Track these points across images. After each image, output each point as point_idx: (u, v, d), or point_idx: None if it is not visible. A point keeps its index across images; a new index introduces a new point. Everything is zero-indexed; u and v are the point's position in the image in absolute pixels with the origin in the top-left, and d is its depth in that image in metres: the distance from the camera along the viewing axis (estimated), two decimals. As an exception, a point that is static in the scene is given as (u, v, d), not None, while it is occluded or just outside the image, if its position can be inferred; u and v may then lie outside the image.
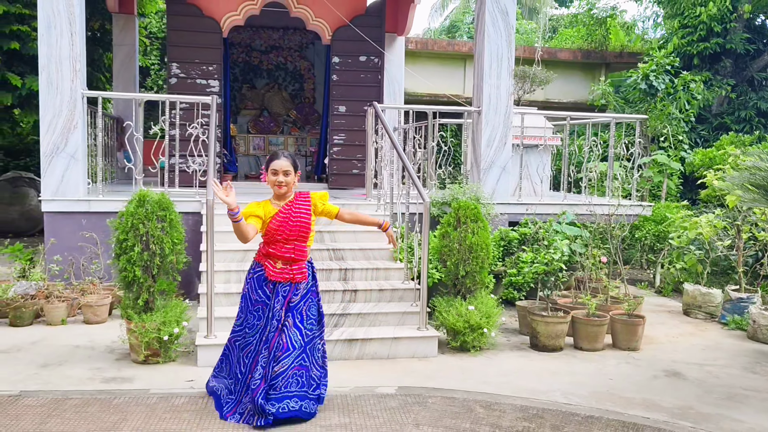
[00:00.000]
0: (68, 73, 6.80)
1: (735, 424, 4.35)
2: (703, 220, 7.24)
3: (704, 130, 13.12)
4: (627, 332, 5.96)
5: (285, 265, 4.17)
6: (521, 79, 9.40)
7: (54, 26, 6.75)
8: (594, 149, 8.91)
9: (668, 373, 5.38)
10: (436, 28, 25.92)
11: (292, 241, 4.15)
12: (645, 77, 11.67)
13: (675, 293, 8.31)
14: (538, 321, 5.84)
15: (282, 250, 4.15)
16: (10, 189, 11.54)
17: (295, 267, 4.18)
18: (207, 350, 5.14)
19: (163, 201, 5.24)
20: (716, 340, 6.44)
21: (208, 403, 4.37)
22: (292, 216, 4.15)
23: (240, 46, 12.44)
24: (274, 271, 4.15)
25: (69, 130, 6.83)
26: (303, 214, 4.18)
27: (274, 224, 4.11)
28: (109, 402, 4.36)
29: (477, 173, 7.91)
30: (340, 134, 9.83)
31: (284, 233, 4.12)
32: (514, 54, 7.97)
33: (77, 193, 6.93)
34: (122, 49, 11.06)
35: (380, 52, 9.79)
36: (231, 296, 5.78)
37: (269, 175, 4.14)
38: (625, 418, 4.36)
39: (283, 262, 4.16)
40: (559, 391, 4.84)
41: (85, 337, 5.82)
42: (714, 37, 13.04)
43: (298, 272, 4.18)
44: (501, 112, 7.85)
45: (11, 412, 4.16)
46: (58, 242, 6.82)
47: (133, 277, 5.10)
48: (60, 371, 4.95)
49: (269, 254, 4.18)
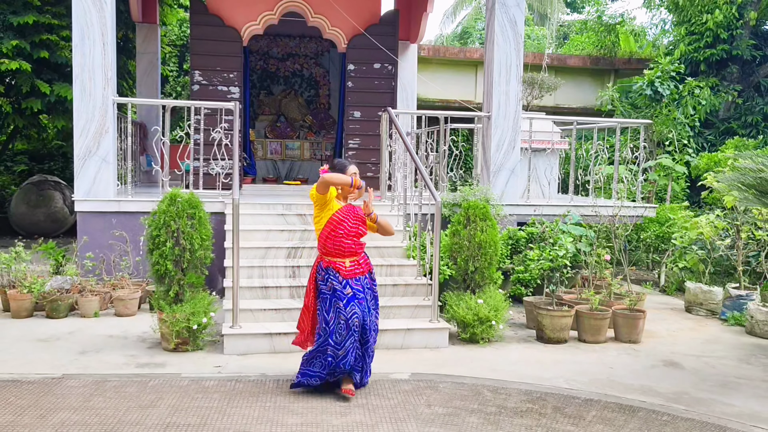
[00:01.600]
0: (100, 81, 7.21)
1: (726, 407, 4.66)
2: (702, 220, 7.54)
3: (711, 135, 13.38)
4: (628, 325, 6.27)
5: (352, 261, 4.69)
6: (530, 86, 9.74)
7: (87, 37, 7.17)
8: (600, 153, 9.23)
9: (666, 363, 5.69)
10: (448, 34, 26.22)
11: (352, 236, 4.68)
12: (650, 83, 11.97)
13: (678, 292, 8.60)
14: (544, 314, 6.17)
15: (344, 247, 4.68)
16: (36, 192, 12.00)
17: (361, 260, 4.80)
18: (233, 339, 5.51)
19: (192, 200, 5.63)
20: (715, 335, 6.73)
21: (237, 386, 4.74)
22: (352, 216, 4.72)
23: (258, 54, 12.88)
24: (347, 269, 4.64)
25: (101, 135, 7.24)
26: (360, 215, 4.81)
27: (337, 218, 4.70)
28: (145, 384, 4.74)
29: (487, 176, 8.24)
30: (354, 139, 10.20)
31: (345, 229, 4.68)
32: (523, 61, 8.31)
33: (108, 194, 7.33)
34: (145, 57, 11.51)
35: (394, 60, 10.17)
36: (254, 290, 6.15)
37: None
38: (623, 401, 4.68)
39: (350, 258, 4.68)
40: (562, 378, 5.17)
41: (118, 328, 6.21)
42: (720, 44, 13.30)
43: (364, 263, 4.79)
44: (510, 117, 8.19)
45: (57, 392, 4.55)
46: (90, 240, 7.23)
47: (164, 271, 5.49)
48: (97, 357, 5.34)
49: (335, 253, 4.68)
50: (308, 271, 6.52)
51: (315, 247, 6.80)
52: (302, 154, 13.03)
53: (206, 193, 7.67)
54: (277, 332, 5.58)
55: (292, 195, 9.10)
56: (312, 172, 12.93)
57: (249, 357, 5.43)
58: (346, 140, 10.29)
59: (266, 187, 10.78)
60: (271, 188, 10.65)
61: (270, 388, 4.72)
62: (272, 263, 6.56)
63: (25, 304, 6.52)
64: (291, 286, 6.24)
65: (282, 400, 4.50)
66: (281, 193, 9.52)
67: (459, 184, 8.64)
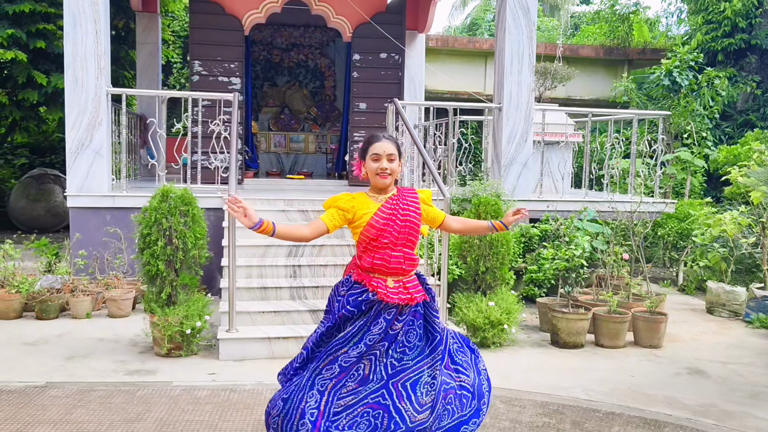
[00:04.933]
0: (93, 71, 6.89)
1: (759, 422, 4.30)
2: (727, 217, 7.16)
3: (729, 127, 12.95)
4: (649, 329, 5.91)
5: (396, 281, 3.21)
6: (542, 76, 9.35)
7: (79, 24, 6.85)
8: (616, 146, 8.84)
9: (691, 370, 5.33)
10: (457, 26, 25.85)
11: (400, 246, 3.21)
12: (668, 73, 11.55)
13: (698, 291, 8.22)
14: (559, 318, 5.82)
15: (389, 260, 3.19)
16: (36, 186, 11.72)
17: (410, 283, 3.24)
18: (228, 344, 5.19)
19: (185, 196, 5.30)
20: (740, 339, 6.36)
21: (231, 396, 4.42)
22: (399, 213, 3.23)
23: (261, 44, 12.53)
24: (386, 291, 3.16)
25: (94, 127, 6.92)
26: (412, 212, 3.26)
27: (378, 223, 3.18)
28: (133, 393, 4.43)
29: (498, 170, 7.89)
30: (360, 131, 9.85)
31: (392, 235, 3.18)
32: (536, 50, 7.94)
33: (102, 189, 7.02)
34: (146, 47, 11.19)
35: (401, 49, 9.80)
36: (252, 291, 5.83)
37: (368, 162, 3.24)
38: (647, 415, 4.33)
39: (394, 277, 3.21)
40: (580, 388, 4.82)
41: (110, 331, 5.91)
42: (739, 33, 12.87)
43: (414, 289, 3.24)
44: (522, 108, 7.82)
45: (38, 402, 4.24)
46: (83, 237, 6.92)
47: (156, 271, 5.17)
48: (85, 363, 5.03)
49: (374, 267, 3.21)
50: (309, 270, 6.21)
51: (317, 245, 6.47)
52: (307, 147, 12.69)
53: (205, 188, 7.36)
54: (276, 336, 5.26)
55: (295, 190, 8.78)
56: (317, 166, 12.58)
57: (246, 363, 5.11)
58: (351, 133, 9.95)
59: (269, 182, 10.45)
60: (274, 182, 10.32)
61: (266, 399, 4.38)
62: (272, 262, 6.23)
63: (14, 305, 6.22)
64: (291, 287, 5.91)
65: (279, 412, 4.17)
66: (284, 188, 9.19)
67: (468, 179, 8.28)
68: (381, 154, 3.20)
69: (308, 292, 5.92)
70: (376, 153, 3.21)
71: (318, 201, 7.24)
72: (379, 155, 3.21)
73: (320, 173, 12.38)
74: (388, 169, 3.21)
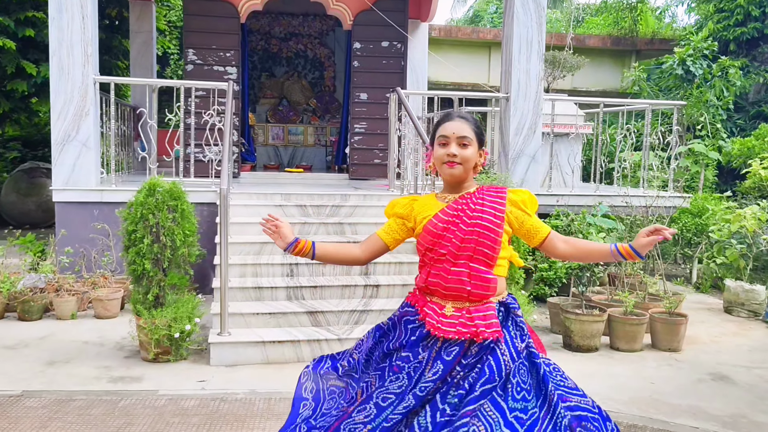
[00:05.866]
0: (80, 58, 6.54)
1: (794, 435, 3.97)
2: (748, 212, 6.79)
3: (741, 119, 12.57)
4: (668, 332, 5.56)
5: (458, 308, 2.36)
6: (550, 65, 8.98)
7: (65, 9, 6.49)
8: (627, 138, 8.48)
9: (714, 376, 4.98)
10: (459, 18, 25.52)
11: (465, 260, 2.37)
12: (681, 62, 11.16)
13: (713, 289, 7.87)
14: (572, 319, 5.47)
15: (447, 278, 2.38)
16: (27, 180, 11.39)
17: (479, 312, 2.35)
18: (220, 348, 4.84)
19: (174, 190, 4.94)
20: (763, 341, 6.01)
21: (221, 406, 4.08)
22: (468, 214, 2.39)
23: (259, 34, 12.15)
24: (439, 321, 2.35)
25: (81, 117, 6.57)
26: (489, 214, 2.39)
27: (436, 227, 2.40)
28: (115, 404, 4.09)
29: (505, 162, 7.53)
30: (361, 123, 9.50)
31: (452, 243, 2.37)
32: (545, 38, 7.57)
33: (89, 183, 6.68)
34: (139, 36, 10.82)
35: (403, 38, 9.43)
36: (247, 291, 5.49)
37: (435, 148, 2.46)
38: (671, 428, 3.99)
39: (454, 303, 2.37)
40: (598, 396, 4.42)
41: (95, 333, 5.56)
42: (752, 22, 12.47)
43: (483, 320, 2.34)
44: (530, 98, 7.46)
45: (11, 414, 3.90)
46: (69, 233, 6.57)
47: (142, 271, 4.81)
48: (66, 369, 4.69)
49: (429, 287, 2.43)
50: (307, 269, 5.85)
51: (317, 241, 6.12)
52: (306, 139, 12.33)
53: (198, 182, 7.01)
54: (271, 340, 4.91)
55: (293, 184, 8.44)
56: (316, 159, 12.21)
57: (238, 369, 4.77)
58: (352, 124, 9.59)
59: (266, 175, 10.10)
60: (272, 176, 9.96)
61: (259, 410, 4.05)
62: (268, 260, 5.87)
63: (-5, 305, 5.89)
64: (288, 287, 5.56)
65: (272, 425, 3.83)
66: (282, 182, 8.85)
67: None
68: (450, 136, 2.40)
69: (306, 293, 5.57)
70: (444, 135, 2.42)
71: (317, 195, 6.89)
72: (447, 138, 2.41)
73: (320, 166, 12.02)
74: (459, 157, 2.39)
